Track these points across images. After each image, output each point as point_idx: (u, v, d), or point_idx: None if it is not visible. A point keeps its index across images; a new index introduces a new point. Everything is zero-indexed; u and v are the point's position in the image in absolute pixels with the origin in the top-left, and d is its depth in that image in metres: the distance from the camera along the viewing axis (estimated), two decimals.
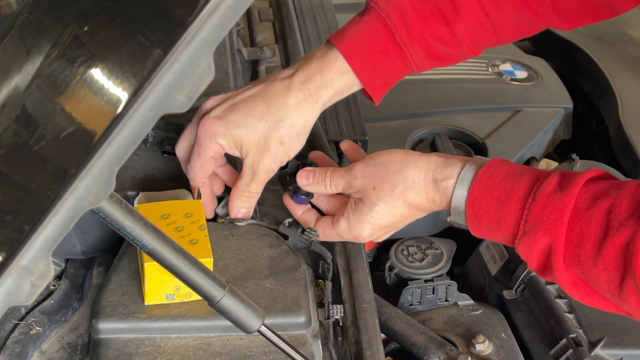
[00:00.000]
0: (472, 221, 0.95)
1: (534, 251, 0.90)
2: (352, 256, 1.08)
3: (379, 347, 0.97)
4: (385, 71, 1.10)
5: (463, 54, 1.15)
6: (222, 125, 1.03)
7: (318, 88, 1.06)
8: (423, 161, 0.99)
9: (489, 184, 0.93)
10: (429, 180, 0.98)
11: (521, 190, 0.91)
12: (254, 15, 1.68)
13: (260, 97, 1.05)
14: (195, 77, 0.62)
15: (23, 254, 0.62)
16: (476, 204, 0.94)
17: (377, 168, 1.00)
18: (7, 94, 0.75)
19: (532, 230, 0.89)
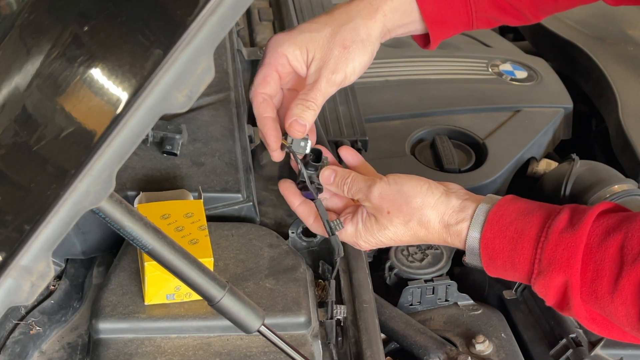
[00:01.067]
0: (487, 262, 0.95)
1: (550, 289, 0.90)
2: (352, 256, 1.08)
3: (379, 347, 0.97)
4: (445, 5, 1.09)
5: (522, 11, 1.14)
6: (287, 34, 1.04)
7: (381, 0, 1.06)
8: (442, 204, 0.98)
9: (500, 224, 0.93)
10: (443, 224, 0.98)
11: (533, 230, 0.91)
12: (254, 15, 1.68)
13: (326, 12, 1.06)
14: (195, 77, 0.62)
15: (23, 254, 0.62)
16: (490, 245, 0.94)
17: (398, 196, 0.99)
18: (7, 94, 0.75)
19: (547, 269, 0.89)
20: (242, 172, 1.14)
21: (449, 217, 0.97)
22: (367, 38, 1.05)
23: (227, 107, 1.26)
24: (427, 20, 1.09)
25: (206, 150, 1.16)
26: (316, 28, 1.04)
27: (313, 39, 1.03)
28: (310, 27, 1.04)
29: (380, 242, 1.03)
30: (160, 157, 1.14)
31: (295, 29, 1.05)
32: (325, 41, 1.03)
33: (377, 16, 1.06)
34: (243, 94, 1.35)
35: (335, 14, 1.05)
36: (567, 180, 1.46)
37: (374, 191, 1.00)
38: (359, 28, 1.04)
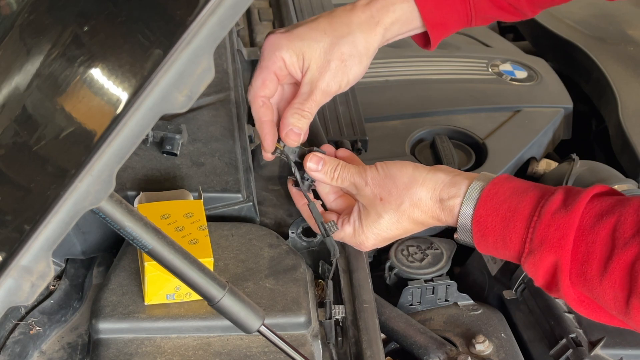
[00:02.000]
0: (478, 239, 0.95)
1: (540, 269, 0.90)
2: (352, 256, 1.08)
3: (379, 347, 0.97)
4: (445, 8, 1.10)
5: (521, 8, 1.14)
6: (286, 38, 1.03)
7: (380, 10, 1.06)
8: (430, 179, 0.99)
9: (494, 201, 0.93)
10: (435, 199, 0.98)
11: (526, 209, 0.91)
12: (254, 15, 1.68)
13: (324, 17, 1.05)
14: (195, 77, 0.62)
15: (23, 254, 0.62)
16: (482, 222, 0.94)
17: (386, 180, 1.00)
18: (7, 94, 0.75)
19: (538, 248, 0.89)
20: (242, 172, 1.14)
21: (441, 191, 0.97)
22: (365, 52, 1.05)
23: (227, 107, 1.26)
24: (428, 24, 1.09)
25: (206, 150, 1.16)
26: (315, 37, 1.03)
27: (311, 48, 1.03)
28: (309, 35, 1.03)
29: (380, 237, 1.03)
30: (160, 157, 1.14)
31: (293, 32, 1.04)
32: (323, 52, 1.03)
33: (378, 29, 1.06)
34: (243, 94, 1.35)
35: (335, 23, 1.05)
36: (567, 180, 1.46)
37: (365, 178, 1.01)
38: (358, 42, 1.04)
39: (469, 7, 1.11)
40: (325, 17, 1.06)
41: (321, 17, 1.06)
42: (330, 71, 1.03)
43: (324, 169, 1.04)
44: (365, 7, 1.06)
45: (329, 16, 1.06)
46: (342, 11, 1.06)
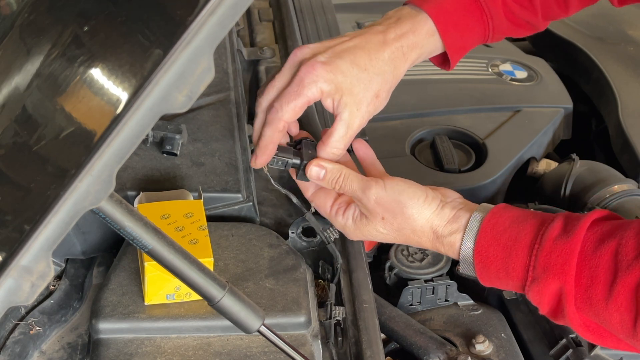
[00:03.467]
0: (480, 270, 0.95)
1: (544, 296, 0.90)
2: (352, 256, 1.08)
3: (379, 347, 0.97)
4: (466, 33, 1.12)
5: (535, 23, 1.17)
6: (329, 71, 1.00)
7: (410, 47, 1.07)
8: (436, 216, 0.98)
9: (494, 232, 0.93)
10: (436, 235, 0.98)
11: (527, 237, 0.91)
12: (254, 15, 1.68)
13: (361, 49, 1.04)
14: (195, 77, 0.62)
15: (23, 254, 0.62)
16: (483, 253, 0.94)
17: (394, 205, 0.99)
18: (7, 94, 0.75)
19: (541, 276, 0.89)
20: (242, 172, 1.14)
21: (443, 229, 0.98)
22: (393, 85, 1.07)
23: (227, 107, 1.26)
24: (449, 50, 1.11)
25: (206, 150, 1.16)
26: (356, 74, 1.02)
27: (351, 84, 1.01)
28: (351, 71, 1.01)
29: (369, 238, 1.03)
30: (160, 157, 1.14)
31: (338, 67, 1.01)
32: (361, 89, 1.02)
33: (406, 65, 1.08)
34: (243, 94, 1.35)
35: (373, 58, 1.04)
36: (567, 180, 1.46)
37: (370, 195, 0.99)
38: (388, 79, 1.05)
39: (488, 28, 1.13)
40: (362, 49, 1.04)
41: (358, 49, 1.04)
42: (366, 107, 1.03)
43: (326, 180, 1.03)
44: (396, 42, 1.06)
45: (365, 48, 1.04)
46: (376, 44, 1.05)
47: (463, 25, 1.11)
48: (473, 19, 1.11)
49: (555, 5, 1.17)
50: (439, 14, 1.08)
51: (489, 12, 1.11)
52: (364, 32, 1.07)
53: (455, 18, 1.10)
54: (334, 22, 1.66)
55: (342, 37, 1.06)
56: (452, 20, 1.10)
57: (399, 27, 1.07)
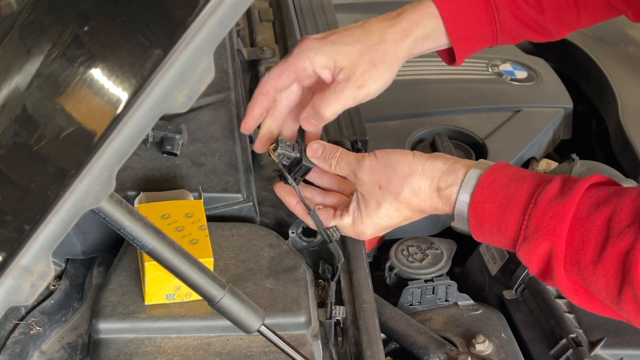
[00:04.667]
0: (474, 225, 0.95)
1: (534, 256, 0.90)
2: (352, 256, 1.08)
3: (379, 347, 0.97)
4: (471, 23, 1.12)
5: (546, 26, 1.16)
6: (320, 42, 1.05)
7: (410, 23, 1.09)
8: (429, 168, 0.99)
9: (491, 188, 0.94)
10: (433, 188, 0.98)
11: (523, 196, 0.91)
12: (254, 15, 1.68)
13: (358, 26, 1.08)
14: (195, 77, 0.62)
15: (23, 254, 0.62)
16: (478, 208, 0.94)
17: (386, 168, 1.00)
18: (7, 94, 0.75)
19: (533, 235, 0.90)
20: (242, 172, 1.14)
21: (439, 180, 0.98)
22: (395, 60, 1.08)
23: (227, 107, 1.26)
24: (453, 38, 1.11)
25: (206, 150, 1.16)
26: (348, 42, 1.06)
27: (344, 52, 1.05)
28: (342, 40, 1.06)
29: (380, 226, 1.03)
30: (160, 157, 1.14)
31: (327, 38, 1.06)
32: (356, 56, 1.05)
33: (408, 40, 1.09)
34: (243, 94, 1.35)
35: (368, 32, 1.07)
36: None
37: (364, 165, 1.01)
38: (389, 50, 1.07)
39: (494, 22, 1.13)
40: (359, 26, 1.09)
41: (354, 26, 1.09)
42: (361, 72, 1.05)
43: (323, 155, 1.05)
44: (396, 19, 1.09)
45: (362, 26, 1.08)
46: (374, 21, 1.09)
47: (468, 12, 1.11)
48: (479, 7, 1.12)
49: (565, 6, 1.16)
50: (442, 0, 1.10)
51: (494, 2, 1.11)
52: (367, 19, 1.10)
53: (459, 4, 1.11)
54: (334, 22, 1.66)
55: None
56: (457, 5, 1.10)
57: (401, 9, 1.10)
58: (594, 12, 1.19)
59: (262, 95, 1.07)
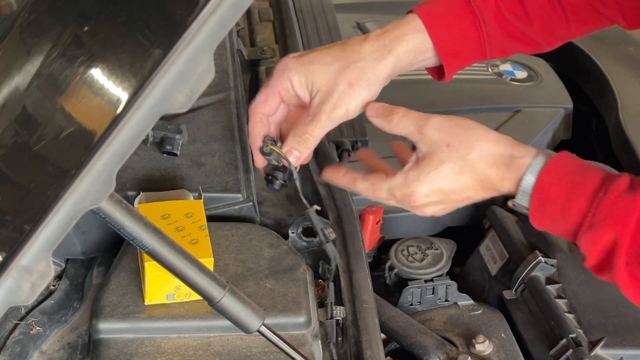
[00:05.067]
0: (535, 207, 0.93)
1: (597, 245, 0.89)
2: (352, 256, 1.08)
3: (379, 347, 0.97)
4: (459, 37, 1.10)
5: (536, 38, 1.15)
6: (297, 61, 1.04)
7: (393, 40, 1.06)
8: (502, 137, 0.97)
9: (560, 172, 0.93)
10: (506, 155, 0.96)
11: (592, 184, 0.91)
12: (254, 15, 1.68)
13: (338, 44, 1.06)
14: (195, 77, 0.62)
15: (23, 254, 0.62)
16: (545, 190, 0.92)
17: (457, 128, 0.97)
18: (7, 94, 0.75)
19: (600, 223, 0.89)
20: (242, 172, 1.14)
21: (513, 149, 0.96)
22: (374, 78, 1.06)
23: (227, 107, 1.26)
24: (441, 53, 1.09)
25: (206, 150, 1.16)
26: (326, 61, 1.04)
27: (321, 72, 1.03)
28: (320, 59, 1.04)
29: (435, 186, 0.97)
30: (160, 157, 1.14)
31: (305, 57, 1.05)
32: (333, 76, 1.03)
33: (390, 57, 1.06)
34: (243, 94, 1.35)
35: (347, 50, 1.06)
36: None
37: (432, 122, 0.98)
38: (367, 68, 1.05)
39: (482, 35, 1.11)
40: (339, 44, 1.07)
41: (335, 44, 1.07)
42: (337, 94, 1.03)
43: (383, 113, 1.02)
44: (378, 36, 1.07)
45: (343, 44, 1.07)
46: (355, 40, 1.07)
47: (455, 27, 1.09)
48: (466, 22, 1.10)
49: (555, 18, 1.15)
50: (427, 13, 1.08)
51: (480, 16, 1.09)
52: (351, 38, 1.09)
53: (446, 19, 1.09)
54: (334, 22, 1.66)
55: None
56: (443, 20, 1.08)
57: (384, 28, 1.08)
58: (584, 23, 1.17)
59: (257, 123, 1.05)
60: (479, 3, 1.09)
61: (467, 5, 1.09)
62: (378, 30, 1.07)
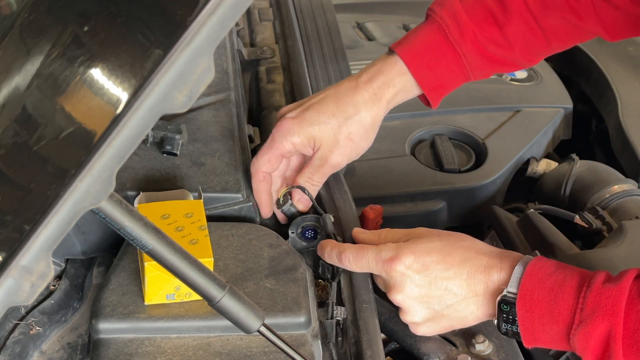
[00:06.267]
0: (522, 316, 0.92)
1: (591, 339, 0.88)
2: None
3: (379, 347, 0.97)
4: (441, 72, 1.14)
5: (517, 60, 1.18)
6: (297, 124, 1.10)
7: (381, 87, 1.12)
8: (486, 246, 1.00)
9: (540, 275, 0.92)
10: (496, 255, 0.98)
11: (574, 280, 0.90)
12: (254, 15, 1.69)
13: (331, 97, 1.12)
14: (195, 77, 0.62)
15: (23, 254, 0.62)
16: (528, 296, 0.92)
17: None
18: (7, 94, 0.75)
19: (589, 317, 0.88)
20: (242, 172, 1.14)
21: (499, 253, 0.98)
22: (371, 127, 1.14)
23: (227, 107, 1.26)
24: (425, 89, 1.15)
25: (206, 150, 1.16)
26: (324, 119, 1.10)
27: (321, 132, 1.11)
28: (318, 119, 1.10)
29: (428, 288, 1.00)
30: (160, 157, 1.14)
31: (304, 118, 1.11)
32: (332, 132, 1.11)
33: (381, 105, 1.13)
34: (243, 94, 1.35)
35: (342, 104, 1.11)
36: (567, 180, 1.46)
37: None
38: (364, 120, 1.12)
39: (464, 66, 1.14)
40: (332, 97, 1.12)
41: (328, 98, 1.12)
42: (339, 149, 1.11)
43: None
44: (367, 84, 1.12)
45: (335, 96, 1.12)
46: (346, 90, 1.12)
47: (436, 63, 1.13)
48: (446, 57, 1.13)
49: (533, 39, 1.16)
50: (409, 54, 1.13)
51: (460, 50, 1.13)
52: (340, 82, 1.15)
53: (427, 58, 1.13)
54: (334, 22, 1.66)
55: (319, 92, 1.15)
56: (424, 60, 1.13)
57: (371, 70, 1.13)
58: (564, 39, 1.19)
59: (261, 182, 1.12)
60: (457, 37, 1.12)
61: (446, 40, 1.13)
62: (365, 76, 1.13)
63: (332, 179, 1.20)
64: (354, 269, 1.03)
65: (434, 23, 1.13)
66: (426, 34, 1.14)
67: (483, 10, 1.13)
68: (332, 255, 1.05)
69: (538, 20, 1.14)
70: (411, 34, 1.15)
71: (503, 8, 1.13)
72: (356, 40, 1.77)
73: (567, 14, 1.14)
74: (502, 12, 1.13)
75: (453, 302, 0.99)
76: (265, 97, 1.46)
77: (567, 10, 1.14)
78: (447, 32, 1.12)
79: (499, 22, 1.13)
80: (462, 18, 1.12)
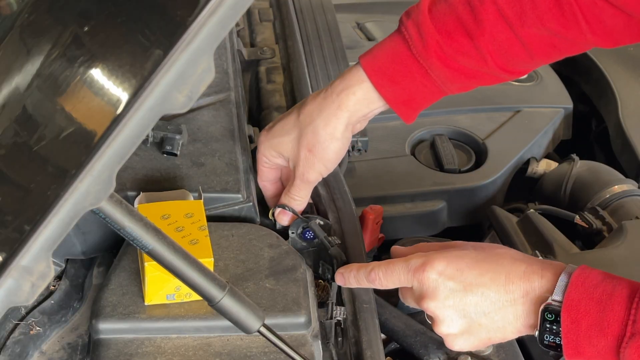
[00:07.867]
0: (568, 327, 0.87)
1: None
2: (352, 256, 1.08)
3: (379, 347, 0.97)
4: (407, 85, 1.07)
5: (495, 73, 1.08)
6: (264, 136, 1.12)
7: (339, 93, 1.07)
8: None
9: (586, 285, 0.87)
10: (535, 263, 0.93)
11: (624, 291, 0.86)
12: (254, 15, 1.68)
13: (297, 107, 1.11)
14: (195, 77, 0.62)
15: (23, 254, 0.62)
16: (574, 307, 0.86)
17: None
18: (7, 94, 0.75)
19: None
20: (242, 173, 1.14)
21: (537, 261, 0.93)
22: (330, 137, 1.08)
23: (227, 107, 1.26)
24: (391, 103, 1.07)
25: (206, 150, 1.16)
26: (286, 131, 1.10)
27: (284, 143, 1.11)
28: (281, 130, 1.11)
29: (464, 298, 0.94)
30: (160, 158, 1.14)
31: (271, 130, 1.12)
32: (294, 144, 1.10)
33: (340, 113, 1.07)
34: (243, 94, 1.35)
35: (302, 113, 1.10)
36: (567, 180, 1.46)
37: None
38: (319, 130, 1.08)
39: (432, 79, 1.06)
40: (297, 107, 1.11)
41: (295, 108, 1.12)
42: (302, 161, 1.09)
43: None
44: (325, 92, 1.09)
45: (300, 106, 1.11)
46: (311, 98, 1.10)
47: (401, 76, 1.06)
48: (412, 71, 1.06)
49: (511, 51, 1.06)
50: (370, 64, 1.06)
51: (425, 63, 1.05)
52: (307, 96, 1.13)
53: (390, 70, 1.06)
54: (334, 22, 1.66)
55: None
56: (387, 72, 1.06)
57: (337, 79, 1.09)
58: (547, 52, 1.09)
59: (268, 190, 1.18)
60: (420, 50, 1.05)
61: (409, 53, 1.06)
62: (329, 86, 1.09)
63: (332, 179, 1.20)
64: (386, 285, 0.98)
65: (399, 33, 1.06)
66: (391, 46, 1.06)
67: (453, 19, 1.04)
68: (360, 278, 0.99)
69: (515, 29, 1.03)
70: (378, 44, 1.09)
71: (474, 17, 1.03)
72: (356, 40, 1.77)
73: (550, 24, 1.03)
74: (472, 21, 1.03)
75: (490, 310, 0.93)
76: (266, 97, 1.46)
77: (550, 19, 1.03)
78: (410, 44, 1.04)
79: (470, 32, 1.03)
80: (426, 29, 1.03)
